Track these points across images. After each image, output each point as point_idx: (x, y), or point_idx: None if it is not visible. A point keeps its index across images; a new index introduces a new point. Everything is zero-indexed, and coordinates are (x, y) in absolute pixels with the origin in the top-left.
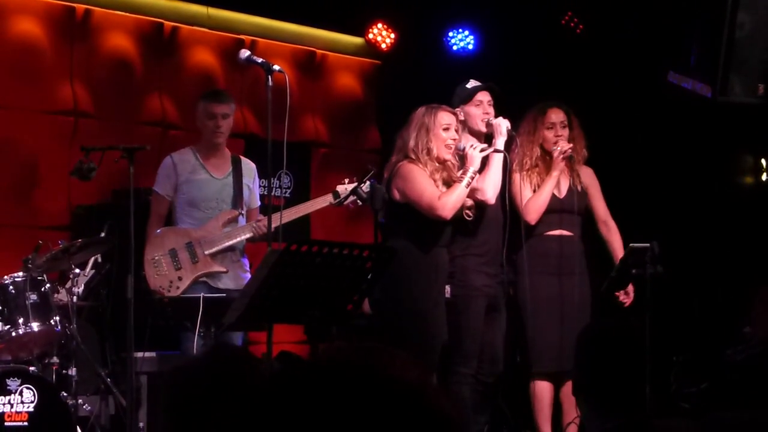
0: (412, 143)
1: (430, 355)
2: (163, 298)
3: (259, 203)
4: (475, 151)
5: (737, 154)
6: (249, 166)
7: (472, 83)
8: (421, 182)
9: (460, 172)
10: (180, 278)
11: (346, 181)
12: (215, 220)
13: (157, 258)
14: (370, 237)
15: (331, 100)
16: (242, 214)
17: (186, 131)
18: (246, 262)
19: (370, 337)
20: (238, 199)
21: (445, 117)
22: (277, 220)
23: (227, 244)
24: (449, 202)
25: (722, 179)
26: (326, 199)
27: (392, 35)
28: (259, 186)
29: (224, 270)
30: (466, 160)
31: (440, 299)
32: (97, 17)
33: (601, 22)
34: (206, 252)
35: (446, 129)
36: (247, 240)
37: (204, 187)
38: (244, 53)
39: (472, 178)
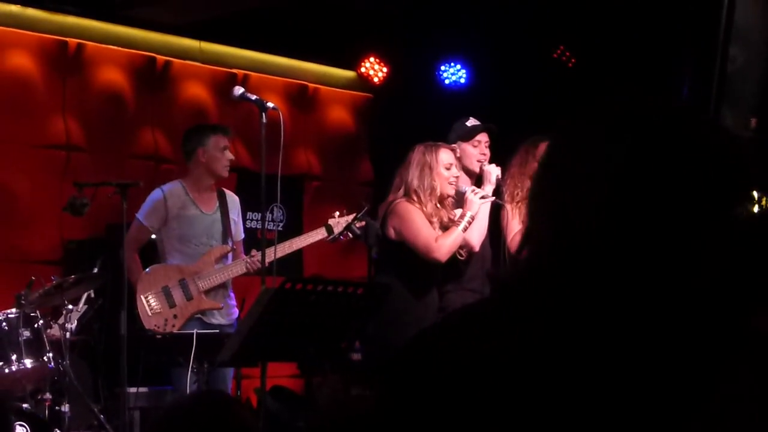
0: (415, 183)
1: None
2: (156, 335)
3: (243, 236)
4: (475, 197)
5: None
6: (233, 199)
7: (471, 122)
8: (418, 223)
9: (458, 216)
10: (175, 316)
11: (337, 214)
12: (207, 256)
13: (150, 296)
14: (363, 270)
15: (324, 133)
16: (233, 250)
17: (178, 165)
18: (233, 295)
19: (362, 372)
20: (226, 234)
21: (446, 155)
22: (271, 254)
23: (221, 280)
24: (445, 245)
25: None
26: (319, 233)
27: (384, 69)
28: (242, 218)
29: (220, 306)
30: (464, 204)
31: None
32: (89, 51)
33: (593, 55)
34: (201, 288)
35: (448, 167)
36: (241, 275)
37: (195, 223)
38: (238, 90)
39: (470, 223)
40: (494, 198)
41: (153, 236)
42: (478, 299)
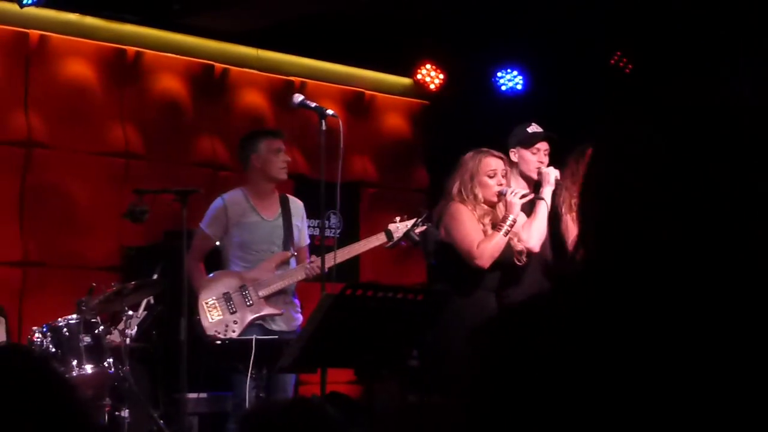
0: (455, 189)
1: None
2: (221, 341)
3: (308, 241)
4: (514, 198)
5: None
6: (297, 205)
7: (533, 128)
8: (467, 225)
9: (501, 221)
10: (235, 321)
11: (398, 219)
12: (268, 262)
13: (211, 302)
14: (419, 277)
15: (380, 140)
16: (294, 255)
17: (236, 172)
18: (297, 302)
19: (420, 379)
20: (288, 240)
21: (490, 162)
22: (330, 260)
23: (281, 286)
24: (487, 250)
25: None
26: (379, 238)
27: (441, 75)
28: (308, 225)
29: (280, 312)
30: (505, 208)
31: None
32: (148, 59)
33: (650, 61)
34: (261, 294)
35: (491, 175)
36: (300, 280)
37: (255, 230)
38: (298, 98)
39: (511, 226)
40: (533, 194)
41: (218, 243)
42: (535, 295)
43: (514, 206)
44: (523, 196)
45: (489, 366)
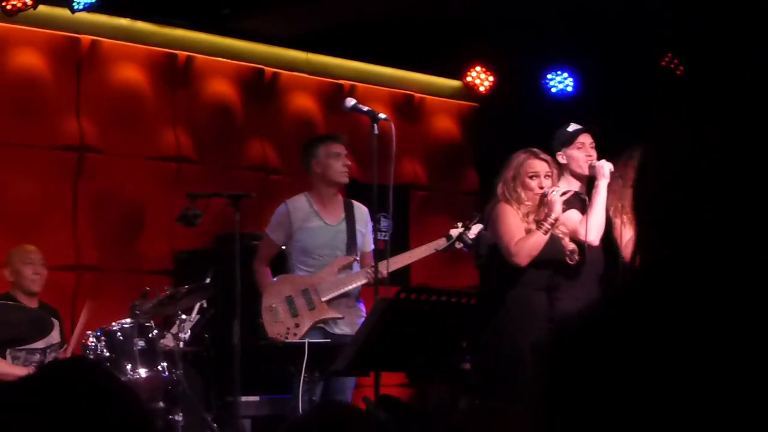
0: (500, 189)
1: None
2: (269, 343)
3: (372, 247)
4: (555, 196)
5: None
6: (362, 211)
7: (572, 126)
8: (508, 223)
9: (542, 220)
10: (297, 325)
11: (460, 224)
12: (330, 267)
13: (274, 305)
14: (469, 280)
15: (430, 143)
16: (357, 260)
17: (287, 176)
18: (362, 307)
19: (472, 381)
20: (351, 244)
21: (534, 164)
22: (392, 264)
23: (343, 290)
24: (524, 248)
25: None
26: (440, 243)
27: (490, 78)
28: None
29: (340, 316)
30: (547, 206)
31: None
32: (198, 64)
33: (702, 63)
34: (323, 298)
35: (533, 176)
36: (363, 285)
37: (317, 234)
38: (350, 102)
39: (552, 225)
40: (573, 191)
41: (284, 248)
42: (589, 305)
43: (554, 204)
44: (563, 194)
45: (553, 380)
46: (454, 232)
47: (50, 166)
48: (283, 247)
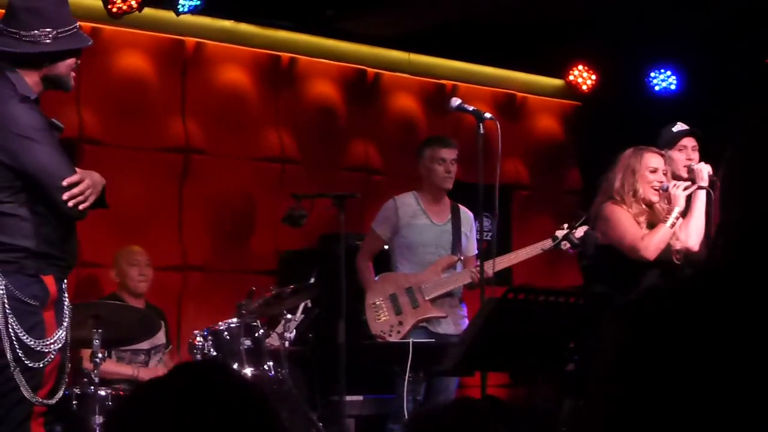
0: (617, 184)
1: None
2: (374, 343)
3: (476, 251)
4: (678, 190)
5: None
6: (467, 215)
7: (678, 126)
8: (624, 223)
9: (665, 214)
10: (401, 323)
11: (565, 226)
12: (435, 266)
13: (377, 303)
14: (572, 280)
15: (532, 142)
16: (460, 260)
17: (389, 176)
18: (465, 307)
19: (576, 382)
20: (456, 245)
21: (652, 159)
22: (498, 264)
23: (447, 289)
24: (653, 242)
25: None
26: (546, 244)
27: (593, 76)
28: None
29: (444, 315)
30: (669, 200)
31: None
32: (302, 65)
33: None
34: (426, 297)
35: (653, 171)
36: (466, 286)
37: (423, 232)
38: (456, 101)
39: (677, 219)
40: (697, 185)
41: (386, 246)
42: (675, 278)
43: (678, 198)
44: (686, 188)
45: (627, 352)
46: (560, 233)
47: (156, 167)
48: (386, 247)
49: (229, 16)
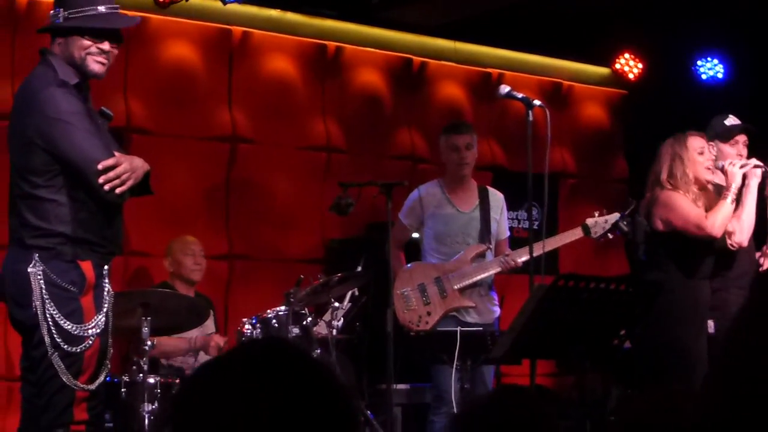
0: (665, 174)
1: None
2: (419, 332)
3: (508, 234)
4: (735, 168)
5: None
6: (497, 198)
7: (730, 120)
8: (685, 206)
9: (724, 190)
10: (429, 313)
11: (596, 214)
12: (463, 255)
13: (406, 293)
14: (619, 269)
15: (578, 130)
16: (490, 249)
17: (435, 165)
18: (495, 296)
19: (626, 371)
20: (485, 232)
21: (696, 141)
22: (537, 251)
23: (476, 278)
24: (717, 219)
25: None
26: (576, 233)
27: (639, 65)
28: (508, 218)
29: (473, 304)
30: (726, 177)
31: (702, 334)
32: (347, 54)
33: None
34: (455, 287)
35: (701, 152)
36: (496, 274)
37: (449, 221)
38: (504, 89)
39: (736, 194)
40: (755, 163)
41: (416, 235)
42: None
43: (735, 175)
44: (743, 166)
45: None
46: (591, 222)
47: (203, 156)
48: (416, 235)
49: (275, 5)
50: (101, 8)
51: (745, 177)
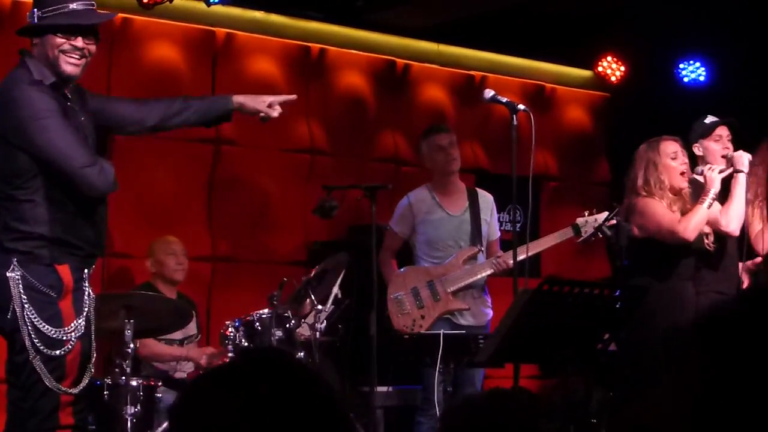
0: (640, 181)
1: None
2: (404, 335)
3: (498, 234)
4: (713, 173)
5: None
6: (486, 199)
7: (710, 118)
8: (659, 211)
9: (702, 195)
10: (423, 317)
11: (586, 213)
12: (455, 258)
13: (400, 297)
14: (601, 272)
15: (561, 133)
16: (482, 251)
17: (418, 168)
18: (488, 298)
19: (608, 374)
20: (476, 234)
21: (669, 146)
22: (520, 255)
23: (468, 281)
24: (691, 222)
25: None
26: (566, 233)
27: (622, 68)
28: (498, 218)
29: (466, 307)
30: (705, 182)
31: (687, 335)
32: (331, 56)
33: None
34: (448, 290)
35: (674, 157)
36: (488, 276)
37: (440, 226)
38: (489, 93)
39: (713, 200)
40: (732, 168)
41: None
42: (731, 299)
43: (714, 181)
44: (721, 171)
45: (719, 362)
46: (581, 221)
47: (186, 158)
48: (409, 240)
49: (259, 6)
50: (74, 5)
51: (735, 169)
